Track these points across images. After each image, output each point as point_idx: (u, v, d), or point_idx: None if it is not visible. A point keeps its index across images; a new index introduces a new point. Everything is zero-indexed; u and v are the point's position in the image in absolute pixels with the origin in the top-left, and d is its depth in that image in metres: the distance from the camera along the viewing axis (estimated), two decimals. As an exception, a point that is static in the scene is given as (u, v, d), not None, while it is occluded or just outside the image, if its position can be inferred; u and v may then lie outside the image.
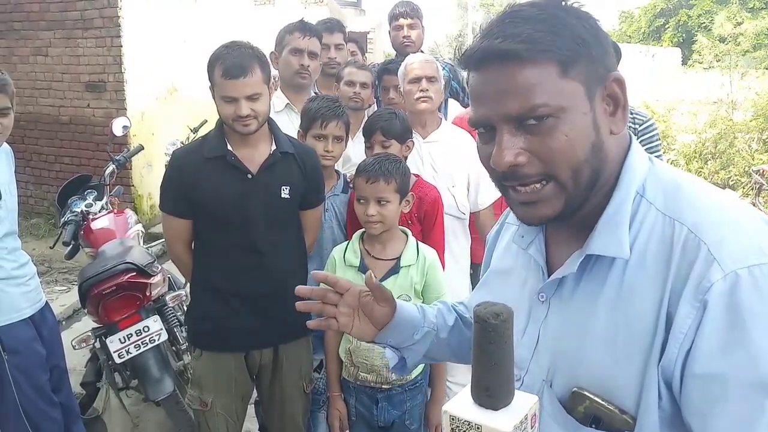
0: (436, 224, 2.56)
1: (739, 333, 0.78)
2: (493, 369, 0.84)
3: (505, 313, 0.83)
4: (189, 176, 2.23)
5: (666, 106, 10.28)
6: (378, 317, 1.23)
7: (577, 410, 0.92)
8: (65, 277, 5.70)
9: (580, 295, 0.95)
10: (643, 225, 0.90)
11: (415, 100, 2.78)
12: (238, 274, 2.27)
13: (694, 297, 0.82)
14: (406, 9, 3.77)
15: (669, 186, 0.92)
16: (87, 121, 6.97)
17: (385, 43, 4.50)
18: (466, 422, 0.85)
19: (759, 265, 0.80)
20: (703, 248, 0.83)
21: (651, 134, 3.07)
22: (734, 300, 0.79)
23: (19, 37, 7.12)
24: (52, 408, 2.58)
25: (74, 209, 3.41)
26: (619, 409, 0.88)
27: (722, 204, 0.90)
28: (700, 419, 0.82)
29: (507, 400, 0.85)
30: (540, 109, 0.86)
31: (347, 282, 1.24)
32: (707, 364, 0.80)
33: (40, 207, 7.27)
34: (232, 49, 2.16)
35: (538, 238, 1.05)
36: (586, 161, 0.89)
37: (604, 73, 0.91)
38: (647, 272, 0.88)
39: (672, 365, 0.83)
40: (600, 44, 0.91)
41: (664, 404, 0.85)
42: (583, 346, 0.93)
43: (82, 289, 2.90)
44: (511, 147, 0.89)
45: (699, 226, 0.85)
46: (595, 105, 0.90)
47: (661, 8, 26.71)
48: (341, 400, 2.38)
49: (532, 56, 0.86)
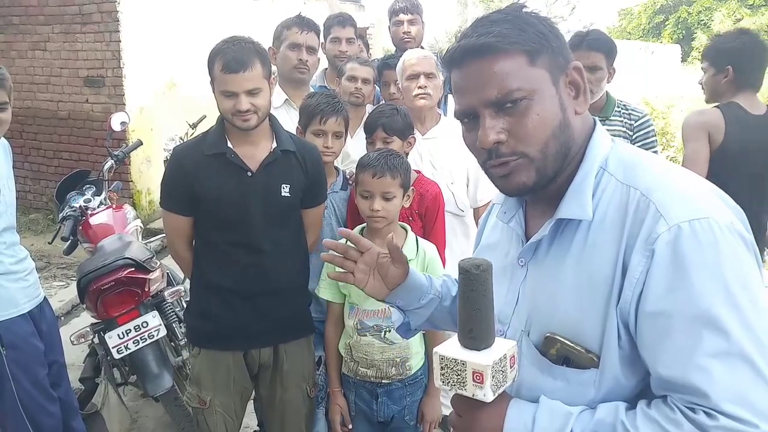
0: (438, 220, 2.56)
1: (681, 276, 0.93)
2: (475, 313, 0.99)
3: (484, 265, 0.99)
4: (189, 173, 2.21)
5: (665, 102, 10.28)
6: (392, 278, 1.38)
7: (550, 352, 1.07)
8: (64, 272, 5.70)
9: (552, 256, 1.10)
10: (605, 193, 1.06)
11: (414, 96, 2.77)
12: (237, 272, 2.25)
13: (644, 247, 0.97)
14: (406, 4, 3.75)
15: (628, 161, 1.08)
16: (85, 116, 6.96)
17: (385, 39, 4.49)
18: (452, 360, 1.00)
19: (698, 219, 0.94)
20: (652, 207, 0.98)
21: (647, 130, 3.06)
22: (677, 248, 0.94)
23: (17, 32, 7.10)
24: (50, 403, 2.58)
25: (73, 204, 3.41)
26: (585, 349, 1.03)
27: (673, 173, 1.06)
28: (651, 351, 0.97)
29: (488, 341, 1.00)
30: (515, 93, 1.03)
31: (368, 242, 1.41)
32: (655, 303, 0.95)
33: (39, 202, 7.26)
34: (233, 43, 2.15)
35: (518, 213, 1.21)
36: (553, 136, 1.05)
37: (565, 63, 1.08)
38: (606, 232, 1.03)
39: (628, 307, 0.98)
40: (558, 39, 1.08)
41: (623, 343, 1.00)
42: (554, 298, 1.08)
43: (80, 284, 2.89)
44: (493, 127, 1.05)
45: (649, 189, 1.01)
46: (560, 89, 1.07)
47: (661, 5, 26.67)
48: (342, 396, 2.38)
49: (504, 48, 1.03)
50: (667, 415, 0.94)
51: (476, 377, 0.97)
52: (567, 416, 1.00)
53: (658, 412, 0.95)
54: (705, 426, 0.90)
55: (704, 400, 0.91)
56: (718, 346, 0.91)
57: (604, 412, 0.99)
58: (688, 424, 0.91)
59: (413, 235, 2.32)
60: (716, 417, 0.90)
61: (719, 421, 0.90)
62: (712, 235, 0.93)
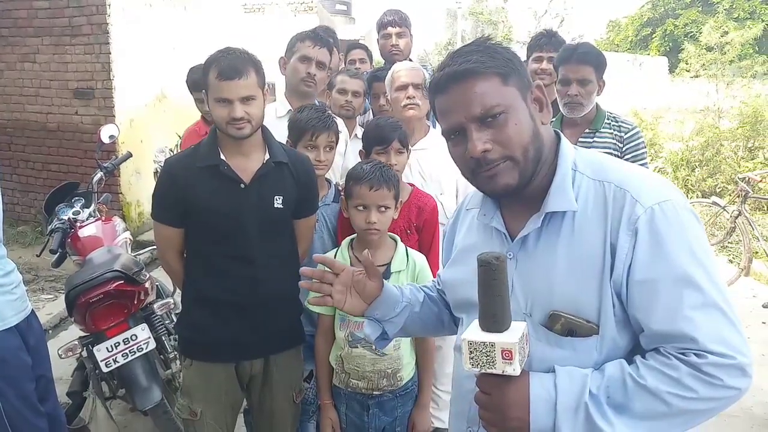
0: (436, 233, 2.58)
1: (659, 247, 1.15)
2: (497, 299, 1.13)
3: (502, 257, 1.13)
4: (181, 185, 2.21)
5: (653, 114, 10.37)
6: (368, 292, 1.52)
7: (556, 327, 1.24)
8: (52, 285, 5.65)
9: (542, 246, 1.28)
10: (581, 189, 1.26)
11: (402, 107, 2.79)
12: (229, 284, 2.25)
13: (627, 228, 1.18)
14: (394, 17, 3.79)
15: (593, 161, 1.31)
16: (75, 128, 6.93)
17: (375, 51, 4.52)
18: (482, 343, 1.13)
19: (665, 201, 1.18)
20: (628, 195, 1.20)
21: (637, 142, 3.08)
22: (653, 226, 1.16)
23: (6, 44, 7.07)
24: (38, 418, 2.54)
25: (61, 217, 3.38)
26: (585, 320, 1.21)
27: (631, 168, 1.31)
28: (644, 313, 1.17)
29: (507, 324, 1.14)
30: (495, 108, 1.22)
31: (343, 264, 1.55)
32: (642, 272, 1.16)
33: (27, 214, 7.21)
34: (228, 52, 2.16)
35: (496, 214, 1.38)
36: (531, 142, 1.25)
37: (529, 82, 1.29)
38: (591, 219, 1.23)
39: (620, 278, 1.18)
40: (521, 64, 1.29)
41: (616, 311, 1.20)
42: (552, 281, 1.25)
43: (69, 297, 2.87)
44: (480, 138, 1.23)
45: (622, 181, 1.23)
46: (528, 104, 1.28)
47: (648, 18, 26.98)
48: (333, 408, 2.37)
49: (482, 71, 1.23)
50: (664, 362, 1.13)
51: (505, 354, 1.11)
52: (584, 377, 1.17)
53: (656, 361, 1.14)
54: (697, 365, 1.11)
55: (693, 344, 1.12)
56: (697, 300, 1.13)
57: (612, 369, 1.17)
58: (684, 366, 1.12)
59: (403, 246, 2.33)
60: (705, 356, 1.11)
61: (708, 359, 1.11)
62: (676, 213, 1.17)
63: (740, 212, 5.94)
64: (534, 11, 29.88)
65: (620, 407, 1.14)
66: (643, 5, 28.59)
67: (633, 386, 1.13)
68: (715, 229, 6.60)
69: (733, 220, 5.97)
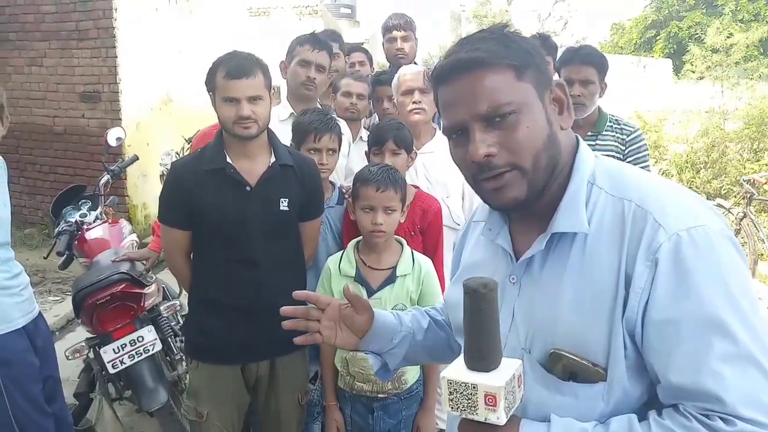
0: (440, 235, 2.58)
1: (685, 283, 0.94)
2: (484, 333, 0.96)
3: (491, 284, 0.96)
4: (188, 188, 2.22)
5: (658, 116, 10.35)
6: (358, 326, 1.36)
7: (556, 369, 1.05)
8: (59, 287, 5.68)
9: (548, 271, 1.09)
10: (597, 206, 1.06)
11: (409, 111, 2.80)
12: (235, 286, 2.26)
13: (646, 257, 0.97)
14: (399, 21, 3.80)
15: (614, 174, 1.10)
16: (81, 132, 6.97)
17: (379, 54, 4.53)
18: (463, 384, 0.96)
19: (695, 227, 0.97)
20: (650, 217, 0.99)
21: (639, 144, 3.08)
22: (679, 256, 0.95)
23: (13, 48, 7.12)
24: (45, 419, 2.56)
25: (68, 219, 3.40)
26: (592, 363, 1.01)
27: (659, 183, 1.08)
28: (661, 359, 0.96)
29: (496, 362, 0.97)
30: (505, 107, 1.03)
31: (327, 297, 1.39)
32: (662, 311, 0.96)
33: (34, 217, 7.25)
34: (235, 54, 2.20)
35: (503, 230, 1.19)
36: (544, 149, 1.06)
37: (549, 79, 1.10)
38: (604, 243, 1.03)
39: (634, 316, 0.98)
40: (541, 57, 1.10)
41: (629, 353, 0.99)
42: (556, 313, 1.05)
43: (76, 299, 2.89)
44: (484, 141, 1.05)
45: (644, 200, 1.02)
46: (546, 105, 1.09)
47: (652, 20, 26.93)
48: (338, 410, 2.38)
49: (493, 62, 1.04)
50: (682, 424, 0.93)
51: (489, 400, 0.94)
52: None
53: (673, 422, 0.94)
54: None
55: (719, 405, 0.91)
56: (728, 350, 0.92)
57: (618, 425, 0.98)
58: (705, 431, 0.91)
59: (409, 249, 2.33)
60: (733, 422, 0.90)
61: (737, 426, 0.90)
62: (710, 242, 0.96)
63: (745, 214, 5.94)
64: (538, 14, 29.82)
65: None
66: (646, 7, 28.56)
67: None
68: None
69: (739, 222, 5.97)
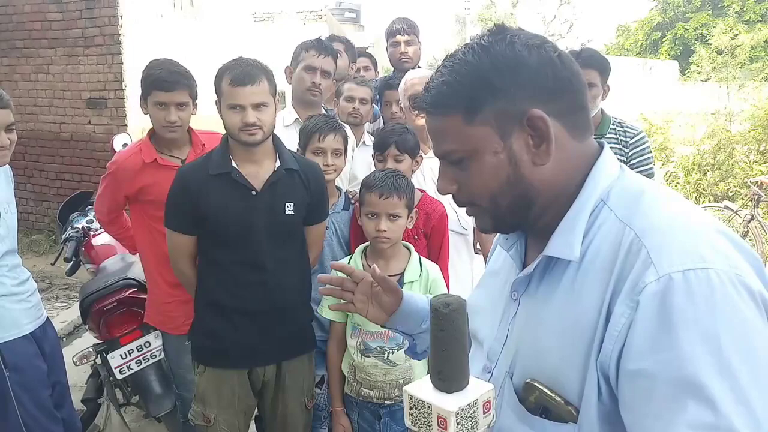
0: (444, 240, 2.57)
1: (667, 334, 0.81)
2: (444, 354, 0.91)
3: (454, 304, 0.90)
4: (194, 193, 2.23)
5: (664, 118, 10.32)
6: (386, 305, 1.39)
7: (529, 400, 0.98)
8: (66, 293, 5.70)
9: (541, 294, 1.01)
10: (601, 230, 0.95)
11: (416, 116, 2.80)
12: (241, 290, 2.27)
13: (629, 297, 0.86)
14: (403, 26, 3.81)
15: (632, 195, 0.97)
16: (88, 138, 7.01)
17: (384, 59, 4.54)
18: (419, 401, 0.92)
19: (695, 269, 0.82)
20: (643, 252, 0.87)
21: (642, 147, 3.07)
22: (666, 301, 0.82)
23: (20, 55, 7.17)
24: (54, 424, 2.57)
25: (75, 225, 3.42)
26: (564, 400, 0.93)
27: (676, 212, 0.93)
28: (631, 414, 0.85)
29: (460, 385, 0.91)
30: (451, 154, 1.00)
31: (361, 272, 1.42)
32: (637, 361, 0.83)
33: (41, 224, 7.29)
34: (241, 61, 2.21)
35: (519, 241, 1.12)
36: (502, 191, 0.98)
37: (524, 109, 0.95)
38: (596, 273, 0.93)
39: (608, 361, 0.87)
40: (519, 85, 0.95)
41: (604, 398, 0.89)
42: (538, 341, 0.99)
43: (83, 305, 2.91)
44: (446, 177, 1.04)
45: (645, 231, 0.90)
46: (512, 142, 0.96)
47: (658, 22, 26.88)
48: (345, 416, 2.38)
49: (437, 111, 0.99)
50: None
51: (441, 422, 0.89)
52: None
53: None
54: None
55: None
56: (702, 419, 0.78)
57: None
58: None
59: (417, 256, 2.32)
60: None
61: None
62: (710, 289, 0.81)
63: (753, 216, 5.91)
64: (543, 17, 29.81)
65: None
66: (652, 9, 28.52)
67: None
68: (727, 234, 6.56)
69: (746, 224, 5.94)
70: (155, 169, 2.59)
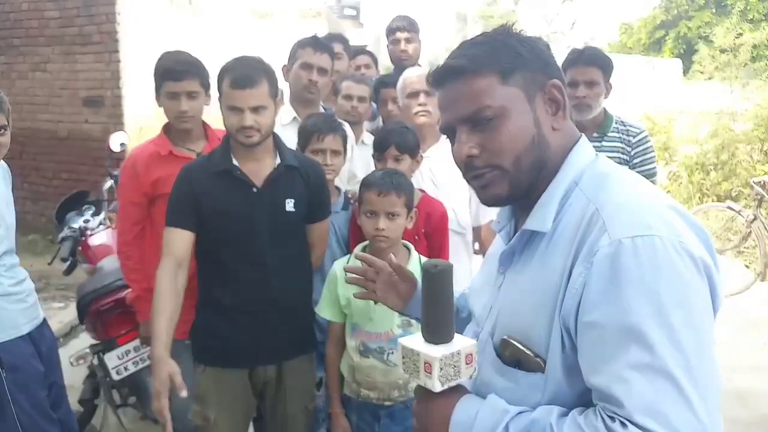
0: (445, 240, 2.55)
1: (614, 289, 0.96)
2: (431, 310, 1.09)
3: (441, 266, 1.09)
4: (196, 189, 2.23)
5: (667, 117, 10.30)
6: (402, 293, 1.54)
7: (505, 354, 1.14)
8: (63, 293, 5.68)
9: (520, 264, 1.17)
10: (571, 207, 1.11)
11: (414, 114, 2.77)
12: (243, 289, 2.26)
13: (586, 259, 1.01)
14: (403, 23, 3.80)
15: (600, 176, 1.12)
16: (85, 137, 6.99)
17: (384, 56, 4.54)
18: (410, 350, 1.11)
19: (642, 236, 0.97)
20: (600, 221, 1.02)
21: (645, 146, 3.06)
22: (615, 262, 0.97)
23: (17, 53, 7.15)
24: (51, 425, 2.55)
25: (72, 225, 3.41)
26: (534, 353, 1.08)
27: (634, 190, 1.09)
28: (585, 360, 1.01)
29: (446, 338, 1.09)
30: (486, 111, 1.10)
31: (382, 262, 1.56)
32: (590, 313, 0.99)
33: (38, 223, 7.25)
34: (242, 61, 2.21)
35: (509, 224, 1.27)
36: (527, 151, 1.12)
37: (544, 80, 1.14)
38: (562, 243, 1.08)
39: (568, 315, 1.03)
40: (538, 59, 1.14)
41: (566, 350, 1.04)
42: (515, 304, 1.15)
43: (80, 305, 2.89)
44: (466, 142, 1.13)
45: (604, 205, 1.05)
46: (536, 106, 1.13)
47: (661, 20, 26.86)
48: (344, 417, 2.36)
49: (476, 69, 1.11)
50: (590, 422, 0.97)
51: (426, 367, 1.07)
52: (504, 413, 1.06)
53: (584, 419, 0.98)
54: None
55: (620, 409, 0.94)
56: (641, 359, 0.93)
57: (540, 413, 1.04)
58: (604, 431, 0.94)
59: (416, 255, 2.31)
60: (628, 426, 0.92)
61: (628, 430, 0.92)
62: (654, 252, 0.96)
63: (756, 216, 5.88)
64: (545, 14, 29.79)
65: None
66: (655, 7, 28.50)
67: None
68: (730, 234, 6.54)
69: (749, 224, 5.92)
70: (170, 161, 2.57)
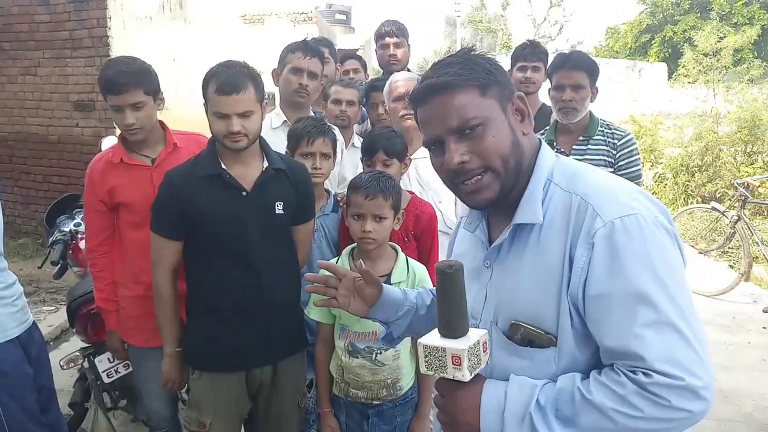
0: (434, 241, 2.58)
1: (616, 263, 1.14)
2: (450, 307, 1.18)
3: (456, 265, 1.17)
4: (183, 195, 2.22)
5: (653, 120, 10.39)
6: (368, 297, 1.60)
7: (516, 337, 1.26)
8: (53, 297, 5.66)
9: (512, 256, 1.30)
10: (552, 200, 1.27)
11: (400, 117, 2.81)
12: (235, 292, 2.26)
13: (585, 242, 1.17)
14: (391, 28, 3.83)
15: (569, 172, 1.30)
16: (76, 140, 6.96)
17: (374, 61, 4.57)
18: (434, 347, 1.18)
19: (628, 215, 1.15)
20: (590, 208, 1.19)
21: (630, 149, 3.09)
22: (611, 240, 1.14)
23: (7, 57, 7.12)
24: (40, 429, 2.54)
25: (63, 229, 3.40)
26: (544, 331, 1.23)
27: (605, 179, 1.28)
28: (598, 327, 1.16)
29: (463, 331, 1.19)
30: (472, 120, 1.24)
31: (344, 269, 1.65)
32: (597, 287, 1.15)
33: (28, 227, 7.23)
34: (228, 66, 2.19)
35: (482, 223, 1.41)
36: (510, 153, 1.26)
37: (510, 94, 1.30)
38: (555, 232, 1.23)
39: (576, 292, 1.18)
40: (503, 75, 1.30)
41: (575, 324, 1.19)
42: (516, 291, 1.27)
43: (70, 308, 2.89)
44: (457, 150, 1.25)
45: (587, 194, 1.22)
46: (508, 115, 1.29)
47: (647, 24, 27.05)
48: (333, 417, 2.38)
49: (459, 84, 1.25)
50: (613, 378, 1.12)
51: (455, 360, 1.16)
52: (533, 387, 1.19)
53: (607, 377, 1.13)
54: (643, 383, 1.09)
55: (641, 362, 1.10)
56: (650, 317, 1.10)
57: (563, 381, 1.17)
58: (630, 384, 1.10)
59: (403, 257, 2.33)
60: (651, 375, 1.09)
61: (653, 378, 1.08)
62: (639, 228, 1.14)
63: (740, 217, 5.95)
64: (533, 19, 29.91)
65: (568, 420, 1.14)
66: (641, 12, 28.69)
67: (580, 400, 1.13)
68: (715, 235, 6.61)
69: (733, 225, 5.98)
70: (124, 169, 2.53)
